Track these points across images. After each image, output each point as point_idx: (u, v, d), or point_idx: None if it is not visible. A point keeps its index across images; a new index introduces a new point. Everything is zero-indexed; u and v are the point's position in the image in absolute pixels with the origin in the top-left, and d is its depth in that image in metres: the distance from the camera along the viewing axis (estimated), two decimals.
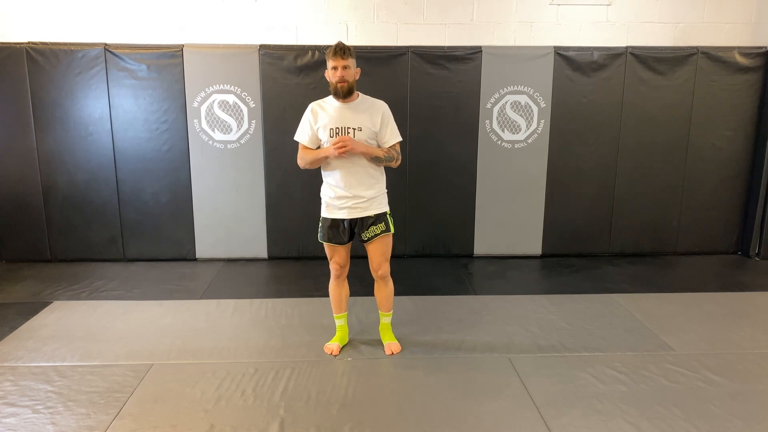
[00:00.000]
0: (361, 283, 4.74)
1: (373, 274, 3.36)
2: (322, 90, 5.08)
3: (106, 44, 5.00)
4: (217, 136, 5.17)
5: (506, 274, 5.05)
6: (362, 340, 3.60)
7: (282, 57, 5.07)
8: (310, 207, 5.35)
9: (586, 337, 3.64)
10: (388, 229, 3.23)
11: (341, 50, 2.98)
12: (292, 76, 5.10)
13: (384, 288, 3.41)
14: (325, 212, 3.23)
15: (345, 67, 2.99)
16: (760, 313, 4.10)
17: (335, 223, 3.20)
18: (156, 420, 2.71)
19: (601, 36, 5.46)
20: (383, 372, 3.20)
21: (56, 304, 4.24)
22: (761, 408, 2.83)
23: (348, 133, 3.05)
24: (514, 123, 5.27)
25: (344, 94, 3.04)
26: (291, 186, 5.29)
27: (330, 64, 3.00)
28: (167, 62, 5.03)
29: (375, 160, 3.10)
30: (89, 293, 4.50)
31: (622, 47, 5.21)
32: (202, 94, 5.09)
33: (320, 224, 3.27)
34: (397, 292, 4.48)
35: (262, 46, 5.07)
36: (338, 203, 3.15)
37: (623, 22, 5.47)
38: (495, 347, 3.50)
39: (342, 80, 2.99)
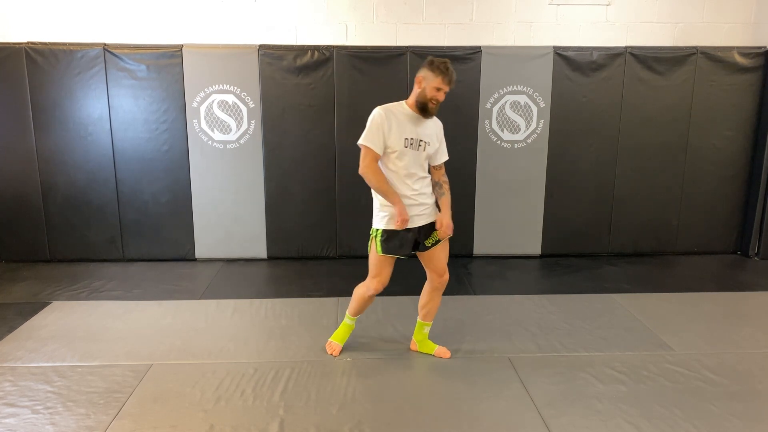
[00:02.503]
0: (359, 282, 4.74)
1: (436, 281, 3.27)
2: (321, 90, 5.11)
3: (105, 44, 4.99)
4: (217, 136, 5.17)
5: (506, 274, 5.05)
6: (362, 340, 3.60)
7: (281, 57, 5.07)
8: (309, 207, 5.37)
9: (585, 337, 3.64)
10: (451, 233, 3.22)
11: (454, 79, 2.96)
12: (291, 76, 5.10)
13: (439, 297, 3.35)
14: (389, 224, 3.02)
15: (445, 93, 2.98)
16: (760, 313, 4.10)
17: (402, 234, 3.04)
18: (156, 420, 2.71)
19: (601, 36, 5.46)
20: (383, 372, 3.20)
21: (56, 304, 4.24)
22: (761, 408, 2.83)
23: (420, 145, 3.00)
24: (514, 123, 5.27)
25: (431, 114, 3.01)
26: (290, 186, 5.29)
27: (438, 83, 2.91)
28: (166, 62, 5.03)
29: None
30: (89, 293, 4.49)
31: (622, 47, 5.21)
32: (202, 94, 5.09)
33: (381, 237, 3.04)
34: (396, 292, 4.49)
35: (261, 46, 5.07)
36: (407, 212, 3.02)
37: (623, 22, 5.47)
38: (495, 347, 3.50)
39: (437, 102, 2.97)
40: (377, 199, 3.07)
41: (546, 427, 2.66)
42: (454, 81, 2.97)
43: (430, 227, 3.14)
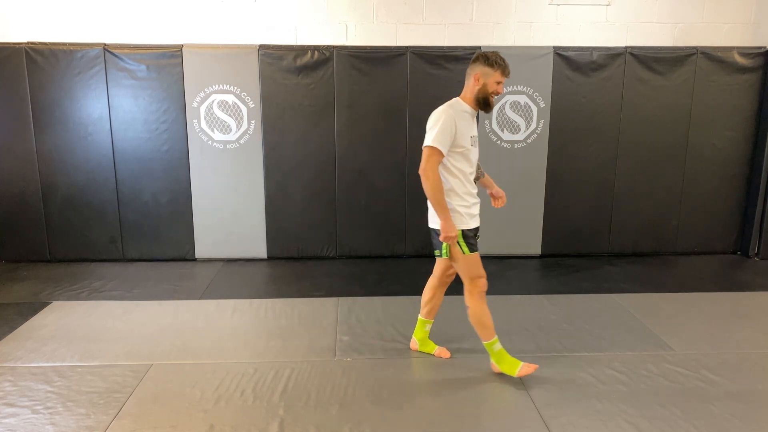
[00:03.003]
0: (360, 283, 4.74)
1: (444, 280, 3.34)
2: (321, 90, 5.10)
3: (105, 44, 4.99)
4: (217, 136, 5.17)
5: (506, 274, 5.05)
6: (362, 340, 3.60)
7: (281, 57, 5.07)
8: (309, 207, 5.37)
9: (585, 337, 3.64)
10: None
11: (509, 71, 2.95)
12: (291, 76, 5.10)
13: (443, 292, 3.41)
14: (467, 222, 3.00)
15: (502, 86, 2.98)
16: (760, 313, 4.10)
17: (474, 232, 3.05)
18: (155, 420, 2.71)
19: (601, 36, 5.47)
20: (383, 372, 3.19)
21: (56, 304, 4.24)
22: (761, 408, 2.82)
23: (477, 141, 3.05)
24: (514, 123, 5.27)
25: (492, 108, 3.00)
26: (290, 186, 5.29)
27: (498, 77, 2.91)
28: (166, 62, 5.03)
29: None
30: (89, 293, 4.49)
31: (622, 47, 5.21)
32: (202, 95, 5.09)
33: (461, 239, 2.99)
34: (397, 292, 4.50)
35: (261, 46, 5.07)
36: (473, 211, 3.03)
37: (623, 22, 5.47)
38: None
39: (497, 95, 2.97)
40: (449, 201, 2.99)
41: (546, 427, 2.65)
42: (509, 73, 2.97)
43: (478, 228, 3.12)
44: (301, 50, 5.08)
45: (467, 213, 2.99)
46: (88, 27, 5.22)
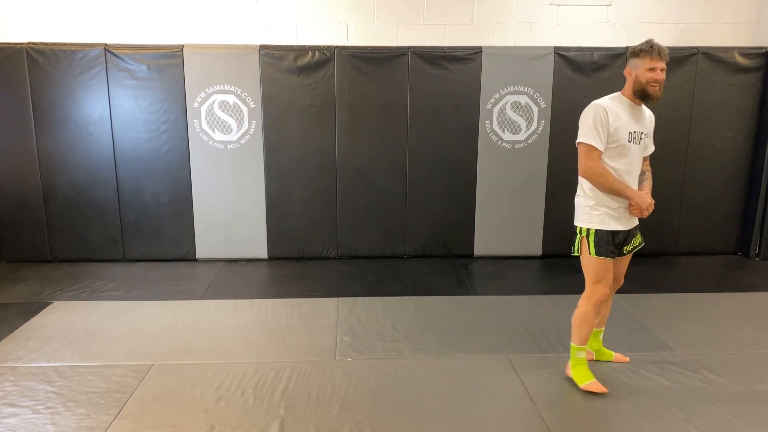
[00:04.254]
0: (360, 283, 4.75)
1: (614, 286, 3.13)
2: (322, 90, 5.11)
3: (106, 44, 5.00)
4: (218, 136, 5.17)
5: (506, 274, 5.05)
6: (362, 340, 3.60)
7: (282, 57, 5.07)
8: (310, 207, 5.37)
9: None
10: (643, 241, 3.11)
11: (663, 51, 2.74)
12: (292, 77, 5.10)
13: (610, 300, 3.22)
14: (605, 224, 2.86)
15: (662, 70, 2.75)
16: (760, 313, 4.10)
17: (614, 236, 2.89)
18: (156, 420, 2.71)
19: (601, 36, 5.46)
20: (383, 372, 3.20)
21: (56, 304, 4.24)
22: (761, 408, 2.82)
23: (641, 138, 2.85)
24: (515, 123, 5.27)
25: (657, 98, 2.79)
26: (291, 186, 5.29)
27: (648, 64, 2.73)
28: (167, 62, 5.03)
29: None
30: (89, 294, 4.50)
31: (622, 47, 5.21)
32: (203, 95, 5.10)
33: (593, 238, 2.88)
34: (397, 292, 4.50)
35: (262, 47, 5.08)
36: (618, 213, 2.87)
37: (623, 22, 5.47)
38: (495, 347, 3.50)
39: (657, 83, 2.75)
40: (587, 197, 2.91)
41: (546, 427, 2.66)
42: (665, 53, 2.75)
43: (634, 232, 3.02)
44: (302, 50, 5.08)
45: (609, 214, 2.86)
46: (89, 27, 5.23)
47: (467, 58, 5.15)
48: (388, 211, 5.40)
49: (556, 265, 5.28)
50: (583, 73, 5.21)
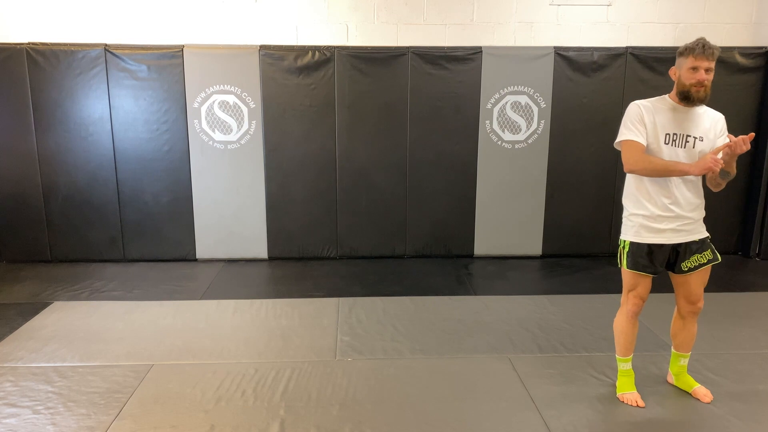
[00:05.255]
0: (360, 283, 4.75)
1: (687, 308, 2.86)
2: (322, 90, 5.11)
3: (106, 45, 5.00)
4: (218, 136, 5.17)
5: (506, 274, 5.05)
6: (362, 340, 3.60)
7: (282, 57, 5.07)
8: (310, 207, 5.37)
9: (586, 337, 3.64)
10: (715, 258, 2.79)
11: (709, 49, 2.53)
12: (292, 77, 5.10)
13: (693, 325, 2.88)
14: (639, 236, 2.68)
15: (708, 70, 2.56)
16: (760, 313, 4.10)
17: (651, 249, 2.69)
18: (156, 420, 2.71)
19: (601, 36, 5.46)
20: (383, 372, 3.20)
21: (56, 304, 4.24)
22: (761, 408, 2.82)
23: (687, 142, 2.59)
24: (515, 123, 5.27)
25: (700, 100, 2.60)
26: (291, 186, 5.29)
27: (690, 63, 2.56)
28: (167, 63, 5.03)
29: (723, 174, 2.61)
30: (89, 294, 4.50)
31: (622, 47, 5.21)
32: (203, 95, 5.10)
33: (626, 249, 2.72)
34: (397, 292, 4.50)
35: (262, 47, 5.08)
36: (657, 225, 2.65)
37: (623, 22, 5.47)
38: (495, 347, 3.50)
39: (701, 84, 2.56)
40: (625, 204, 2.76)
41: (546, 428, 2.66)
42: (712, 52, 2.53)
43: (693, 247, 2.72)
44: (302, 50, 5.08)
45: (644, 225, 2.66)
46: (89, 27, 5.23)
47: (467, 58, 5.15)
48: (388, 211, 5.40)
49: (556, 265, 5.28)
50: (583, 73, 5.21)
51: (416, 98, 5.18)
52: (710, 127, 2.66)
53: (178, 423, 2.69)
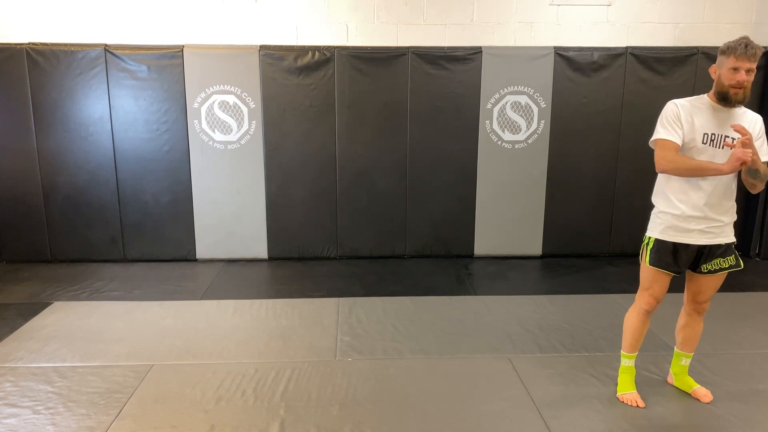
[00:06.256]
0: (360, 283, 4.75)
1: (691, 305, 2.90)
2: (322, 90, 5.11)
3: (106, 45, 5.00)
4: (218, 136, 5.17)
5: (506, 274, 5.05)
6: (362, 340, 3.60)
7: (282, 57, 5.07)
8: (310, 207, 5.37)
9: (586, 337, 3.64)
10: (738, 265, 2.72)
11: (752, 49, 2.45)
12: (292, 77, 5.10)
13: (699, 323, 2.91)
14: (664, 234, 2.67)
15: (749, 71, 2.48)
16: (760, 313, 4.10)
17: (676, 248, 2.67)
18: (156, 421, 2.71)
19: (601, 36, 5.46)
20: (383, 372, 3.20)
21: (56, 304, 4.24)
22: (761, 408, 2.82)
23: (726, 143, 2.54)
24: (515, 123, 5.27)
25: (738, 102, 2.53)
26: (291, 186, 5.30)
27: (731, 63, 2.47)
28: (167, 63, 5.03)
29: (752, 173, 2.50)
30: (89, 294, 4.50)
31: (622, 47, 5.21)
32: (203, 95, 5.10)
33: (651, 246, 2.72)
34: (397, 292, 4.50)
35: (262, 47, 5.08)
36: (685, 224, 2.61)
37: (623, 22, 5.47)
38: (495, 347, 3.50)
39: (740, 85, 2.49)
40: (655, 201, 2.74)
41: (546, 428, 2.66)
42: (755, 52, 2.45)
43: (717, 250, 2.67)
44: (302, 51, 5.08)
45: (672, 224, 2.63)
46: (89, 28, 5.23)
47: (467, 58, 5.15)
48: (388, 211, 5.40)
49: (556, 265, 5.28)
50: (583, 73, 5.21)
51: (416, 98, 5.18)
52: (749, 128, 2.56)
53: (178, 423, 2.69)
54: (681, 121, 2.57)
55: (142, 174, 5.22)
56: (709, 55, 5.20)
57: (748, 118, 2.62)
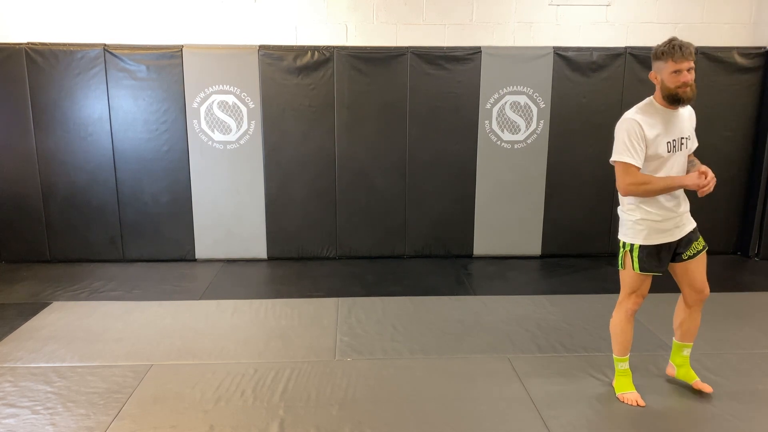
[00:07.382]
0: (360, 283, 4.75)
1: (694, 296, 2.92)
2: (321, 90, 5.10)
3: (105, 45, 4.99)
4: (217, 136, 5.17)
5: (506, 274, 5.05)
6: (362, 340, 3.60)
7: (281, 57, 5.07)
8: (309, 207, 5.37)
9: (585, 337, 3.64)
10: (705, 245, 2.88)
11: (686, 49, 2.51)
12: (291, 77, 5.10)
13: (698, 313, 2.95)
14: (648, 239, 2.72)
15: (690, 69, 2.53)
16: (760, 313, 4.10)
17: (659, 249, 2.75)
18: (156, 421, 2.71)
19: (601, 36, 5.46)
20: (383, 372, 3.19)
21: (56, 304, 4.24)
22: (761, 408, 2.82)
23: (682, 144, 2.67)
24: (514, 123, 5.27)
25: (689, 99, 2.58)
26: (290, 186, 5.29)
27: (671, 67, 2.52)
28: (167, 63, 5.03)
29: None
30: (89, 294, 4.49)
31: (622, 47, 5.21)
32: (202, 95, 5.09)
33: (635, 253, 2.74)
34: (396, 293, 4.50)
35: (261, 47, 5.07)
36: (664, 226, 2.72)
37: (622, 22, 5.47)
38: (495, 347, 3.50)
39: (686, 85, 2.53)
40: (630, 212, 2.76)
41: (545, 427, 2.66)
42: (690, 51, 2.52)
43: (689, 237, 2.80)
44: (301, 51, 5.08)
45: (651, 227, 2.71)
46: (88, 27, 5.22)
47: (466, 58, 5.15)
48: (388, 211, 5.40)
49: (555, 265, 5.29)
50: (582, 73, 5.21)
51: (415, 98, 5.18)
52: (689, 123, 2.76)
53: (178, 423, 2.69)
54: (645, 140, 2.61)
55: (141, 174, 5.21)
56: (708, 55, 5.21)
57: (690, 112, 2.78)
